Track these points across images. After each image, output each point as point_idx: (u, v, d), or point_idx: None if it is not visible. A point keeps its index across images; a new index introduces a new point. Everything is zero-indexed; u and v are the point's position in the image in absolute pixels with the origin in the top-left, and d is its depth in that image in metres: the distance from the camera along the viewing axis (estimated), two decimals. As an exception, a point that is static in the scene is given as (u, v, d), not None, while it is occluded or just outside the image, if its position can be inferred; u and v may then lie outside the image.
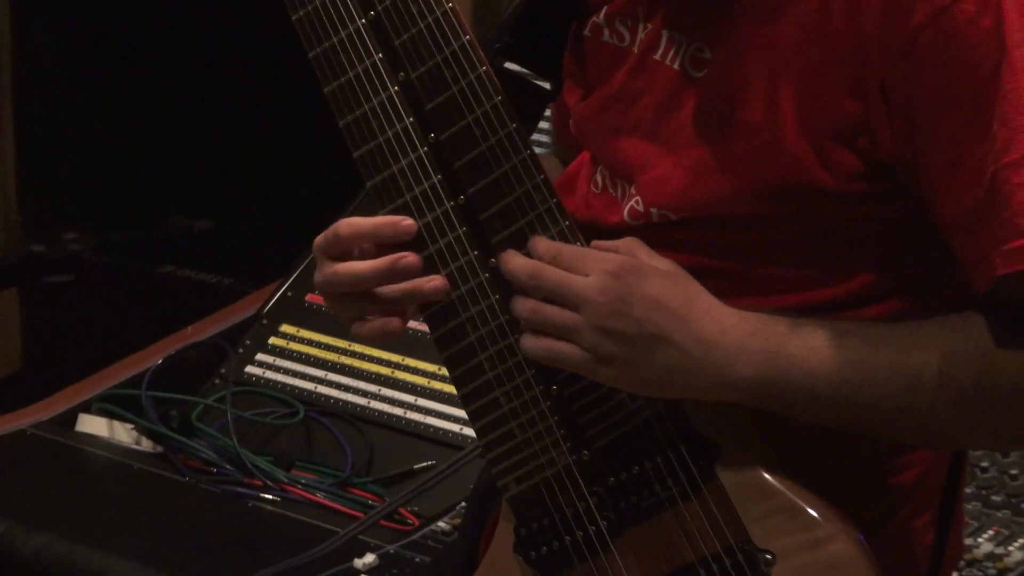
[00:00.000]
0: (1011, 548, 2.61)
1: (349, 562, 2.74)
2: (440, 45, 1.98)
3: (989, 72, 1.86)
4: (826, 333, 1.93)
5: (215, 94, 4.63)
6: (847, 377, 1.92)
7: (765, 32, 1.95)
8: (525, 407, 2.00)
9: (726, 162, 1.97)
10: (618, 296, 1.90)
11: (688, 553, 1.97)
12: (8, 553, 2.86)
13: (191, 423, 3.09)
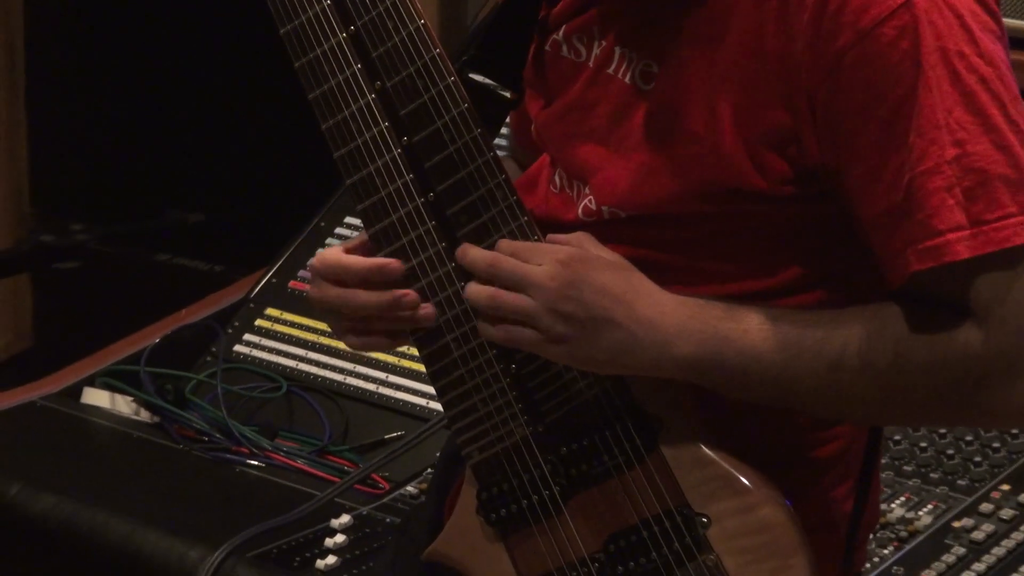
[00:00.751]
0: (921, 513, 2.62)
1: (326, 522, 2.75)
2: (413, 57, 1.98)
3: (906, 89, 1.86)
4: (758, 317, 1.94)
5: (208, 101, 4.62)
6: (775, 357, 1.93)
7: (707, 51, 1.95)
8: (487, 384, 2.01)
9: (670, 166, 1.97)
10: (568, 282, 1.91)
11: (632, 516, 1.97)
12: (19, 513, 2.86)
13: (185, 396, 3.09)
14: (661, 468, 1.96)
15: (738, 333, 1.93)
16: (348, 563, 2.66)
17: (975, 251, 1.85)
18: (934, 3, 1.86)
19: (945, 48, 1.86)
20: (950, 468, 2.71)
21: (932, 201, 1.85)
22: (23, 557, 2.90)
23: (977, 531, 2.57)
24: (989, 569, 2.50)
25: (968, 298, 1.88)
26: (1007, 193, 1.86)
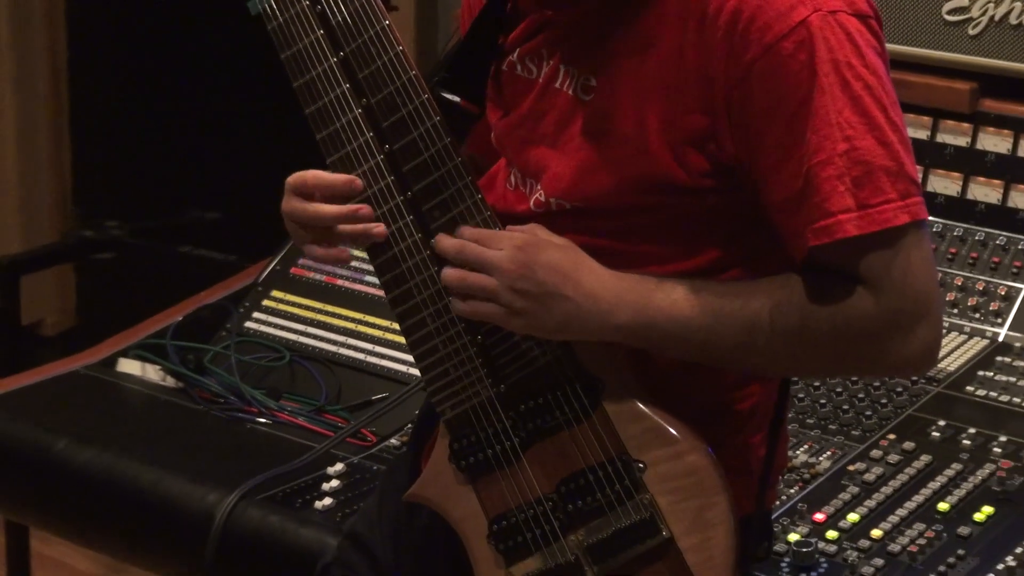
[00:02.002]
0: (821, 458, 2.61)
1: (323, 469, 2.74)
2: (393, 78, 1.98)
3: (804, 94, 1.87)
4: (684, 289, 1.94)
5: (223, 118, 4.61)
6: (700, 322, 1.94)
7: (637, 66, 1.95)
8: (456, 352, 2.01)
9: (606, 164, 1.98)
10: (523, 263, 1.92)
11: (580, 462, 1.98)
12: (65, 463, 2.85)
13: (204, 365, 3.08)
14: (604, 422, 1.97)
15: (668, 303, 1.94)
16: (341, 504, 2.65)
17: (862, 230, 1.87)
18: (827, 22, 1.87)
19: (836, 59, 1.87)
20: (845, 420, 2.70)
21: (825, 188, 1.87)
22: (69, 501, 2.89)
23: (868, 473, 2.56)
24: (879, 505, 2.49)
25: (859, 269, 1.90)
26: (888, 182, 1.89)
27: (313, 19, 2.00)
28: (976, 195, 3.00)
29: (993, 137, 3.00)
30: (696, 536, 1.95)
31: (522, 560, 2.01)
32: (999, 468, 2.56)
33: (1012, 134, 2.99)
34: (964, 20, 3.02)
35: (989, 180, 3.00)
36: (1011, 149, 2.99)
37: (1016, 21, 2.97)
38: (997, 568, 2.35)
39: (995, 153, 3.00)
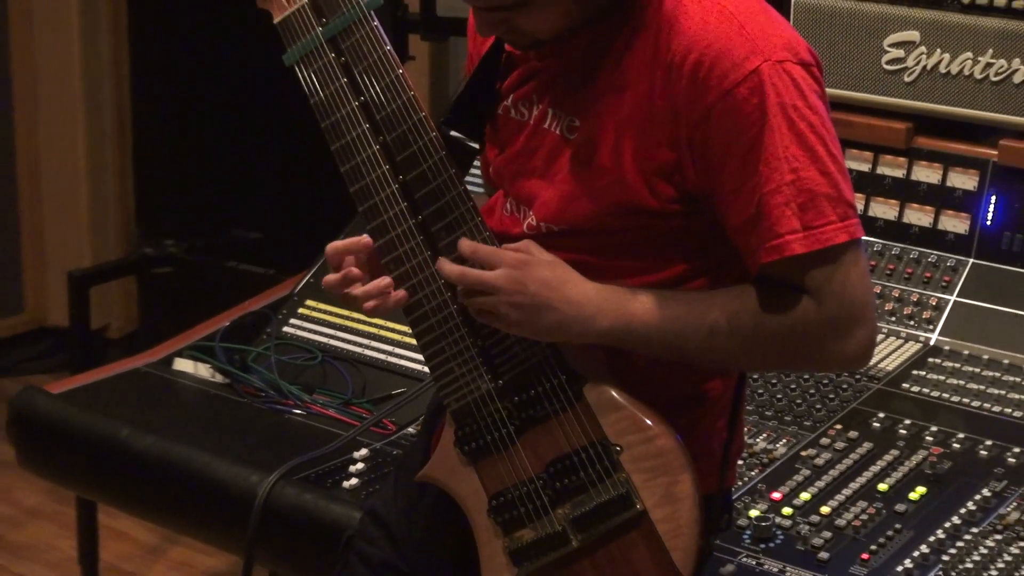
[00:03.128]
0: (777, 445, 2.61)
1: (349, 454, 2.73)
2: (405, 119, 1.99)
3: (756, 132, 1.88)
4: (655, 298, 1.95)
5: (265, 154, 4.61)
6: (669, 326, 1.95)
7: (613, 108, 1.96)
8: (460, 353, 2.02)
9: (588, 192, 1.98)
10: (517, 280, 1.93)
11: (567, 446, 1.99)
12: (128, 448, 2.84)
13: (247, 364, 3.07)
14: (586, 412, 1.98)
15: (642, 310, 1.94)
16: (365, 483, 2.64)
17: (807, 248, 1.89)
18: (775, 70, 1.88)
19: (783, 102, 1.88)
20: (799, 413, 2.70)
21: (775, 212, 1.88)
22: (131, 480, 2.88)
23: (818, 458, 2.56)
24: (827, 485, 2.49)
25: (804, 281, 1.91)
26: (829, 206, 1.89)
27: (338, 69, 2.00)
28: (911, 219, 3.00)
29: (925, 169, 3.00)
30: (666, 509, 1.95)
31: (517, 531, 2.02)
32: (931, 454, 2.56)
33: (942, 167, 2.98)
34: (901, 69, 3.01)
35: (922, 206, 2.99)
36: (941, 180, 2.98)
37: (945, 70, 2.96)
38: (929, 540, 2.35)
39: (927, 183, 2.99)
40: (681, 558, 1.95)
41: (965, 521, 2.39)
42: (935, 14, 2.96)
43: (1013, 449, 2.56)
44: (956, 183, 2.97)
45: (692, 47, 1.89)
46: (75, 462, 2.98)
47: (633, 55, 1.94)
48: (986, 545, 2.33)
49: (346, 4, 1.99)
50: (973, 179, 2.95)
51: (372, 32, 1.99)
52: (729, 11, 1.91)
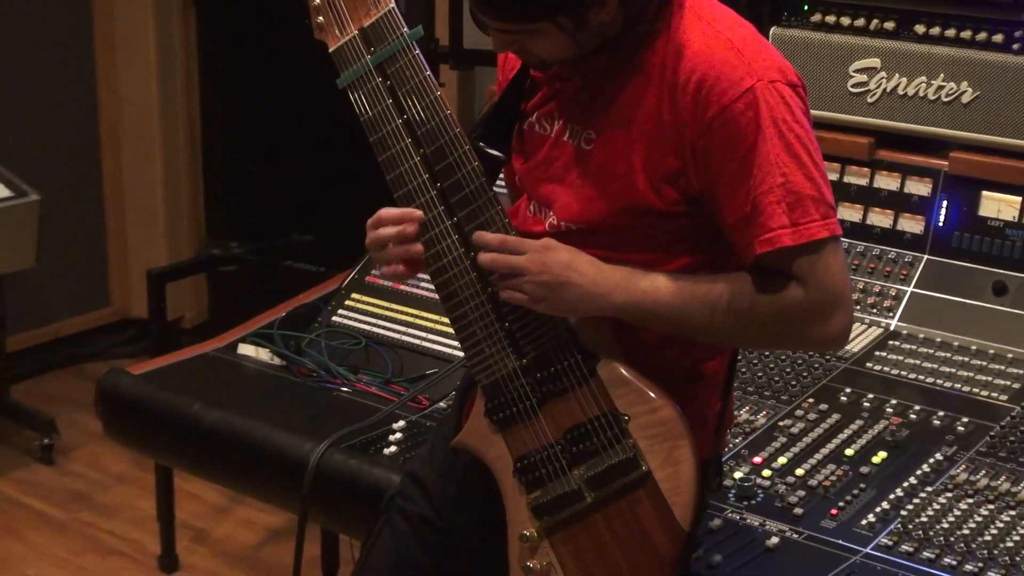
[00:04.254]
0: (758, 417, 2.62)
1: (389, 425, 2.73)
2: (443, 134, 1.99)
3: (751, 142, 1.88)
4: (664, 279, 1.96)
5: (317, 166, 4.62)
6: (675, 303, 1.95)
7: (625, 123, 1.96)
8: (489, 336, 2.02)
9: (602, 196, 1.98)
10: (541, 263, 1.94)
11: (582, 416, 1.99)
12: (199, 421, 2.84)
13: (302, 348, 3.07)
14: (599, 386, 1.98)
15: (652, 289, 1.95)
16: (403, 451, 2.64)
17: (795, 241, 1.89)
18: (767, 89, 1.89)
19: (775, 116, 1.88)
20: (777, 389, 2.70)
21: (767, 211, 1.89)
22: (202, 449, 2.88)
23: (793, 427, 2.56)
24: (801, 451, 2.49)
25: (792, 269, 1.92)
26: (813, 206, 1.90)
27: (384, 91, 2.01)
28: (873, 221, 2.99)
29: (886, 178, 2.99)
30: (668, 470, 1.95)
31: (538, 489, 2.01)
32: (890, 424, 2.56)
33: (900, 176, 2.98)
34: (864, 91, 3.01)
35: (883, 210, 2.99)
36: (899, 187, 2.98)
37: (902, 92, 2.96)
38: (889, 498, 2.35)
39: (887, 190, 2.99)
40: (681, 513, 1.95)
41: (920, 481, 2.40)
42: (894, 44, 2.96)
43: (962, 419, 2.57)
44: (912, 190, 2.96)
45: (696, 68, 1.89)
46: (153, 433, 2.99)
47: (644, 78, 1.94)
48: (939, 502, 2.34)
49: (391, 35, 1.99)
50: (927, 186, 2.95)
51: (414, 59, 1.99)
52: (727, 37, 1.92)
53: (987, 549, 2.21)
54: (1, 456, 4.26)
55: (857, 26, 2.99)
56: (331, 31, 2.02)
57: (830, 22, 3.02)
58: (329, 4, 2.02)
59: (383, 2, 1.99)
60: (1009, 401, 2.61)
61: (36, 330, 4.75)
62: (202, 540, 3.83)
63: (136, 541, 3.82)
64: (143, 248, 4.89)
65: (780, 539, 2.26)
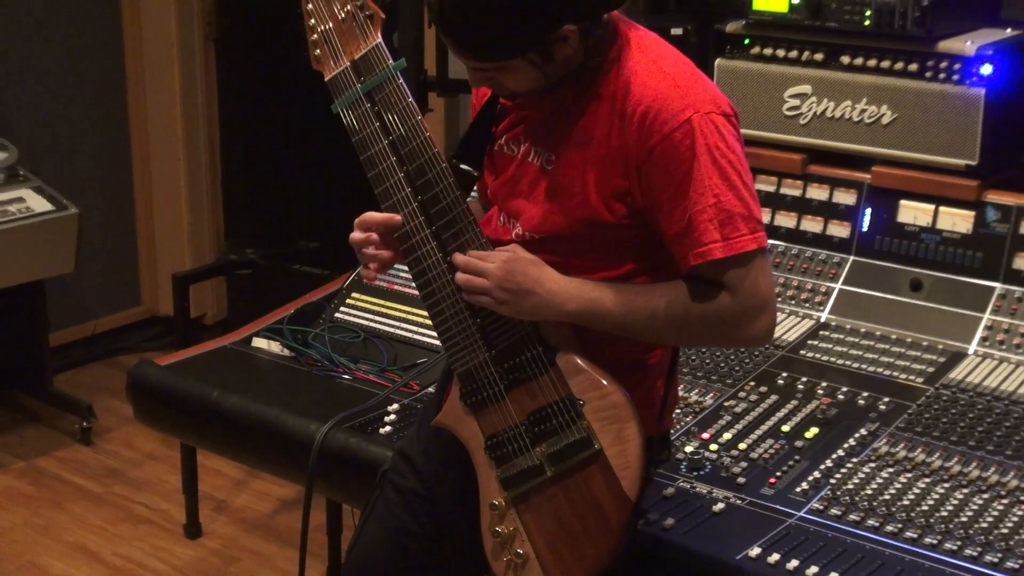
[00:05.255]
0: (706, 398, 2.61)
1: (384, 408, 2.73)
2: (422, 153, 1.98)
3: (688, 166, 1.88)
4: (611, 289, 1.95)
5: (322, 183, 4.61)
6: (620, 310, 1.94)
7: (582, 147, 1.96)
8: (463, 330, 2.02)
9: (561, 210, 1.98)
10: (507, 271, 1.94)
11: (543, 400, 1.99)
12: (218, 405, 2.84)
13: (308, 342, 3.06)
14: (558, 374, 1.98)
15: (600, 297, 1.95)
16: (397, 430, 2.64)
17: (725, 253, 1.89)
18: (703, 119, 1.88)
19: (708, 144, 1.88)
20: (723, 373, 2.70)
21: (701, 227, 1.88)
22: (221, 429, 2.87)
23: (737, 407, 2.57)
24: (743, 428, 2.50)
25: (723, 279, 1.91)
26: (742, 222, 1.89)
27: (372, 115, 2.01)
28: (806, 227, 2.99)
29: (817, 190, 2.99)
30: (617, 447, 1.95)
31: (506, 463, 2.02)
32: (821, 404, 2.57)
33: (829, 187, 2.97)
34: (797, 114, 3.00)
35: (814, 217, 2.98)
36: (828, 197, 2.97)
37: (830, 115, 2.96)
38: (820, 468, 2.36)
39: (818, 200, 2.98)
40: (628, 485, 1.95)
41: (847, 453, 2.40)
42: (823, 72, 2.96)
43: (883, 399, 2.57)
44: (840, 200, 2.96)
45: (641, 101, 1.89)
46: (178, 416, 2.98)
47: (597, 108, 1.94)
48: (863, 471, 2.34)
49: (379, 66, 1.99)
50: (852, 196, 2.94)
51: (398, 88, 1.99)
52: (668, 73, 1.91)
53: (906, 512, 2.22)
54: (45, 438, 4.26)
55: (791, 57, 2.99)
56: (327, 63, 2.03)
57: (767, 54, 3.02)
58: (325, 39, 2.02)
59: (371, 38, 1.99)
60: (924, 383, 2.62)
61: (75, 327, 4.73)
62: (222, 510, 3.83)
63: (164, 511, 3.82)
64: (169, 254, 4.88)
65: (725, 505, 2.27)
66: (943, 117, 2.81)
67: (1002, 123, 2.81)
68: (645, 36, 1.98)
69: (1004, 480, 2.30)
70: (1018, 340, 2.68)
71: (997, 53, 2.76)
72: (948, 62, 2.80)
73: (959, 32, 2.85)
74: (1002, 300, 2.74)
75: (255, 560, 3.58)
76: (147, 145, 4.82)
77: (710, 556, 2.14)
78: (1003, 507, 2.24)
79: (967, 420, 2.48)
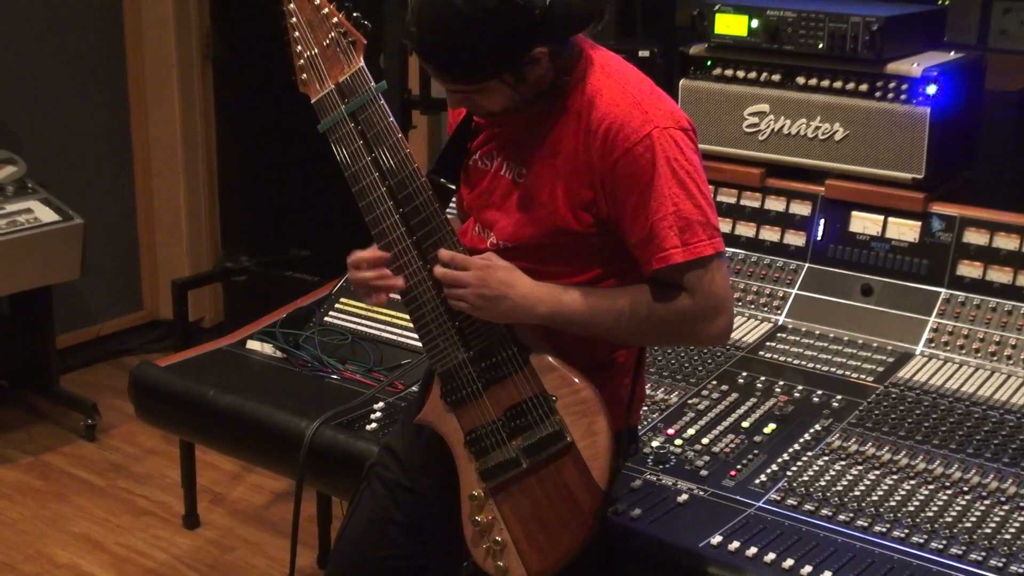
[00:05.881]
0: (672, 396, 2.62)
1: (371, 406, 2.72)
2: (403, 169, 1.98)
3: (649, 177, 1.88)
4: (579, 292, 1.95)
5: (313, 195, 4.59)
6: (587, 312, 1.94)
7: (550, 161, 1.96)
8: (443, 332, 2.01)
9: (531, 220, 1.98)
10: (483, 279, 1.93)
11: (519, 397, 1.99)
12: (214, 403, 2.82)
13: (299, 344, 3.05)
14: (531, 373, 1.98)
15: (569, 301, 1.95)
16: (383, 427, 2.63)
17: (684, 258, 1.89)
18: (663, 134, 1.88)
19: (668, 156, 1.88)
20: (687, 373, 2.70)
21: (662, 234, 1.88)
22: (217, 426, 2.85)
23: (700, 405, 2.57)
24: (706, 424, 2.50)
25: (683, 281, 1.91)
26: (700, 229, 1.90)
27: (356, 134, 2.00)
28: (764, 236, 3.00)
29: (774, 201, 3.00)
30: (587, 440, 1.95)
31: (484, 456, 2.02)
32: (779, 401, 2.57)
33: (785, 199, 2.98)
34: (756, 131, 3.01)
35: (772, 227, 2.99)
36: (785, 208, 2.98)
37: (787, 132, 2.96)
38: (777, 461, 2.36)
39: (775, 210, 2.99)
40: (599, 475, 1.95)
41: (803, 447, 2.41)
42: (780, 92, 2.97)
43: (836, 397, 2.58)
44: (796, 210, 2.96)
45: (604, 117, 1.89)
46: (177, 414, 2.97)
47: (564, 125, 1.94)
48: (817, 464, 2.35)
49: (361, 88, 1.99)
50: (807, 207, 2.95)
51: (380, 108, 1.99)
52: (629, 92, 1.92)
53: (857, 502, 2.22)
54: (52, 434, 4.24)
55: (750, 78, 3.00)
56: (313, 85, 2.02)
57: (728, 75, 3.02)
58: (311, 63, 2.02)
59: (354, 62, 1.99)
60: (874, 382, 2.62)
61: (81, 330, 4.71)
62: (219, 502, 3.81)
63: (164, 503, 3.80)
64: (169, 261, 4.86)
65: (689, 495, 2.27)
66: (891, 134, 2.83)
67: (946, 139, 2.83)
68: (608, 57, 1.99)
69: (948, 472, 2.31)
70: (961, 342, 2.69)
71: (941, 74, 2.78)
72: (896, 83, 2.81)
73: (906, 55, 2.87)
74: (947, 304, 2.75)
75: (250, 549, 3.56)
76: (148, 159, 4.80)
77: (675, 544, 2.14)
78: (947, 497, 2.24)
79: (914, 416, 2.48)
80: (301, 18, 2.02)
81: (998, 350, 2.65)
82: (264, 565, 3.48)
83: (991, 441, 2.39)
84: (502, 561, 2.01)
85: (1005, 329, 2.67)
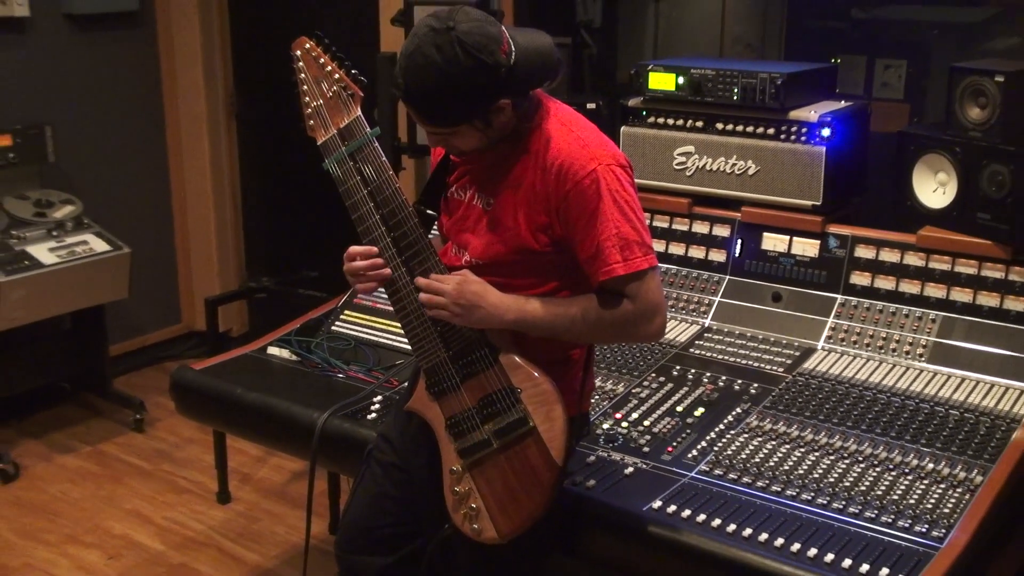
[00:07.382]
0: (618, 386, 2.61)
1: (371, 399, 2.70)
2: (393, 200, 1.97)
3: (594, 205, 1.88)
4: (540, 302, 1.94)
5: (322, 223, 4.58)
6: (546, 319, 1.94)
7: (514, 191, 1.96)
8: (427, 336, 2.01)
9: (499, 241, 1.98)
10: (459, 291, 1.92)
11: (490, 389, 1.98)
12: (241, 400, 2.80)
13: (311, 349, 3.02)
14: (500, 369, 1.97)
15: (532, 309, 1.94)
16: (381, 416, 2.61)
17: (625, 271, 1.89)
18: (606, 170, 1.88)
19: (610, 188, 1.88)
20: (631, 366, 2.70)
21: (606, 252, 1.88)
22: (243, 418, 2.82)
23: (642, 393, 2.56)
24: (647, 409, 2.49)
25: (625, 290, 1.91)
26: (637, 248, 1.90)
27: (355, 170, 1.99)
28: (692, 254, 2.99)
29: (700, 225, 3.00)
30: (546, 424, 1.95)
31: (462, 438, 2.01)
32: (706, 389, 2.57)
33: (709, 224, 2.98)
34: (684, 168, 3.02)
35: (698, 246, 2.99)
36: (709, 231, 2.98)
37: (710, 168, 2.97)
38: (706, 439, 2.36)
39: (701, 233, 2.99)
40: (556, 453, 1.95)
41: (727, 427, 2.41)
42: (703, 136, 2.97)
43: (754, 385, 2.58)
44: (718, 233, 2.97)
45: (557, 157, 1.90)
46: (210, 409, 2.94)
47: (524, 162, 1.94)
48: (739, 441, 2.35)
49: (359, 133, 1.99)
50: (727, 230, 2.95)
51: (374, 150, 1.99)
52: (578, 136, 1.92)
53: (772, 471, 2.23)
54: (107, 427, 4.20)
55: (678, 125, 3.00)
56: (318, 130, 2.02)
57: (660, 123, 3.03)
58: (316, 112, 2.02)
59: (353, 112, 1.99)
60: (784, 372, 2.63)
61: (130, 340, 4.68)
62: (246, 481, 3.78)
63: (201, 483, 3.77)
64: (203, 282, 4.83)
65: (634, 468, 2.26)
66: (794, 169, 2.84)
67: (838, 172, 2.84)
68: (561, 107, 1.99)
69: (847, 445, 2.31)
70: (855, 338, 2.70)
71: (834, 120, 2.80)
72: (797, 127, 2.83)
73: (805, 104, 2.88)
74: (842, 307, 2.76)
75: (272, 519, 3.54)
76: (184, 199, 4.79)
77: (623, 508, 2.14)
78: (846, 465, 2.25)
79: (817, 400, 2.49)
80: (308, 74, 2.02)
81: (885, 344, 2.66)
82: (284, 532, 3.46)
83: (880, 419, 2.40)
84: (477, 524, 2.00)
85: (890, 327, 2.68)
